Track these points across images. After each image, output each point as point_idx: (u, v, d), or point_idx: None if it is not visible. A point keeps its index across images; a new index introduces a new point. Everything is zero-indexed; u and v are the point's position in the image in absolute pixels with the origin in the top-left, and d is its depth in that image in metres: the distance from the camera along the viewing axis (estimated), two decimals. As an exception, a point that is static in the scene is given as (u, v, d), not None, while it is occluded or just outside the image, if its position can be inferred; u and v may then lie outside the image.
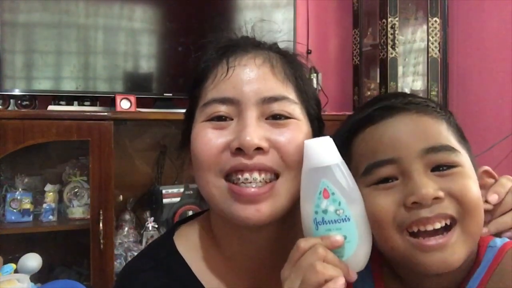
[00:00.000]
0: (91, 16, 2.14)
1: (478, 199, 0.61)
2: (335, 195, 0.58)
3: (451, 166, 0.61)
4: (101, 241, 1.86)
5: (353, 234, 0.58)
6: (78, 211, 2.03)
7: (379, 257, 0.68)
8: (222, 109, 0.67)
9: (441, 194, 0.59)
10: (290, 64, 0.72)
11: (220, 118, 0.68)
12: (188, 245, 0.76)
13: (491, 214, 0.66)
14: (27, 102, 2.11)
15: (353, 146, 0.65)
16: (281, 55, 0.73)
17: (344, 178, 0.59)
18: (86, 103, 2.18)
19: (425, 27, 2.53)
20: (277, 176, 0.66)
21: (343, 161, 0.60)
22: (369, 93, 2.62)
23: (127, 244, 2.09)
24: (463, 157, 0.63)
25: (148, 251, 0.79)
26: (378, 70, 2.54)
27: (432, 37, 2.50)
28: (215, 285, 0.73)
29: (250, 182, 0.65)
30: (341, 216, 0.58)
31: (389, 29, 2.40)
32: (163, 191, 2.11)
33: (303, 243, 0.59)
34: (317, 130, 0.73)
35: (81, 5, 2.12)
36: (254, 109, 0.66)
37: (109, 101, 2.14)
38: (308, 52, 2.71)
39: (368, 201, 0.61)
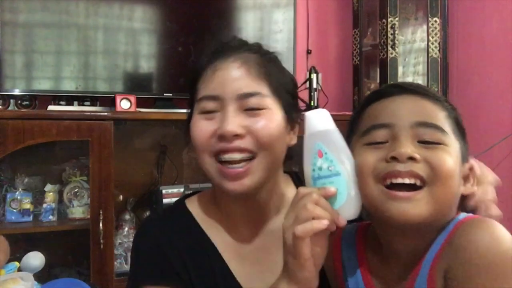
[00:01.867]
0: (91, 16, 2.14)
1: (451, 170, 0.69)
2: (328, 154, 0.70)
3: (436, 142, 0.70)
4: (101, 241, 1.86)
5: (343, 187, 0.70)
6: (78, 211, 2.03)
7: (364, 231, 0.81)
8: (210, 104, 0.86)
9: (416, 156, 0.68)
10: (265, 62, 0.88)
11: (209, 111, 0.86)
12: (197, 206, 0.96)
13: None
14: (27, 102, 2.11)
15: (365, 112, 0.76)
16: (259, 54, 0.89)
17: (335, 141, 0.71)
18: (86, 103, 2.18)
19: (425, 27, 2.53)
20: (253, 155, 0.84)
21: (336, 128, 0.72)
22: (369, 93, 2.62)
23: (127, 244, 2.09)
24: (451, 140, 0.71)
25: (163, 212, 1.01)
26: (378, 70, 2.54)
27: (432, 37, 2.50)
28: (219, 236, 0.92)
29: (233, 162, 0.83)
30: (333, 172, 0.70)
31: (389, 29, 2.41)
32: (163, 191, 2.11)
33: (302, 190, 0.72)
34: (291, 113, 0.89)
35: (81, 5, 2.12)
36: (233, 104, 0.84)
37: (109, 101, 2.14)
38: (308, 52, 2.71)
39: (358, 156, 0.72)
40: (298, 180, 0.96)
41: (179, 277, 0.88)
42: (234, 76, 0.85)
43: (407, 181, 0.68)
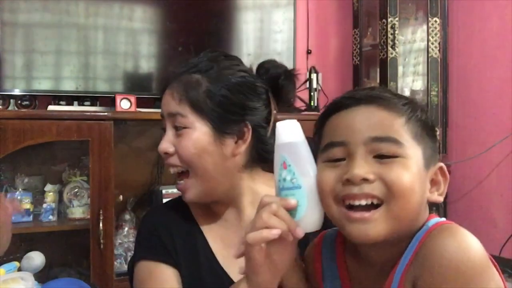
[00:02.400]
0: (91, 16, 2.14)
1: (407, 187, 0.68)
2: (291, 167, 0.71)
3: (392, 156, 0.69)
4: (101, 241, 1.86)
5: (304, 200, 0.71)
6: (78, 211, 2.02)
7: (343, 236, 0.80)
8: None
9: (370, 176, 0.68)
10: (187, 86, 0.94)
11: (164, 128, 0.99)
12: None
13: None
14: (27, 102, 2.11)
15: (325, 125, 0.76)
16: (183, 81, 0.96)
17: (300, 153, 0.72)
18: (86, 103, 2.18)
19: (425, 27, 2.53)
20: (187, 171, 0.93)
21: (304, 140, 0.73)
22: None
23: (127, 244, 2.09)
24: (410, 151, 0.70)
25: (166, 202, 1.08)
26: (378, 70, 2.54)
27: (432, 37, 2.50)
28: (208, 227, 0.99)
29: (178, 177, 0.96)
30: (295, 184, 0.71)
31: (389, 29, 2.41)
32: (163, 191, 2.11)
33: (265, 198, 0.73)
34: (223, 125, 0.94)
35: (81, 5, 2.12)
36: (167, 122, 0.97)
37: (109, 101, 2.14)
38: (308, 52, 2.71)
39: (319, 174, 0.73)
40: None
41: (170, 255, 0.95)
42: (165, 101, 0.97)
43: (363, 202, 0.68)
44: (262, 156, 0.96)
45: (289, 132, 0.73)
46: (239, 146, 0.94)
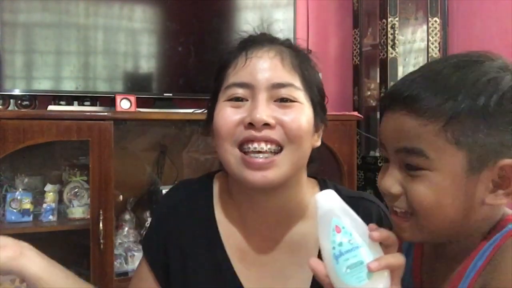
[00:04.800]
0: (91, 16, 2.14)
1: (430, 206, 0.65)
2: (345, 229, 0.66)
3: (418, 168, 0.66)
4: (101, 241, 1.86)
5: (370, 257, 0.65)
6: (78, 211, 2.02)
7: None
8: (240, 91, 0.83)
9: (395, 191, 0.68)
10: (298, 57, 0.87)
11: (238, 99, 0.83)
12: (218, 189, 0.95)
13: None
14: (27, 102, 2.11)
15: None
16: (291, 49, 0.88)
17: (350, 215, 0.68)
18: (86, 103, 2.18)
19: (425, 27, 2.53)
20: (281, 148, 0.81)
21: (347, 206, 0.69)
22: (369, 93, 2.62)
23: (127, 244, 2.09)
24: (442, 161, 0.64)
25: (193, 181, 0.98)
26: (378, 70, 2.53)
27: (432, 37, 2.50)
28: (229, 234, 0.91)
29: (259, 152, 0.80)
30: (354, 245, 0.65)
31: (389, 29, 2.40)
32: (163, 191, 2.11)
33: None
34: (319, 114, 0.88)
35: (81, 5, 2.12)
36: (264, 93, 0.82)
37: (109, 101, 2.14)
38: (308, 52, 2.70)
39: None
40: (326, 187, 0.92)
41: (162, 267, 0.92)
42: (268, 65, 0.83)
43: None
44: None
45: (332, 199, 0.69)
46: (318, 138, 0.90)
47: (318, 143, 0.89)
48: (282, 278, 0.87)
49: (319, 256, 0.68)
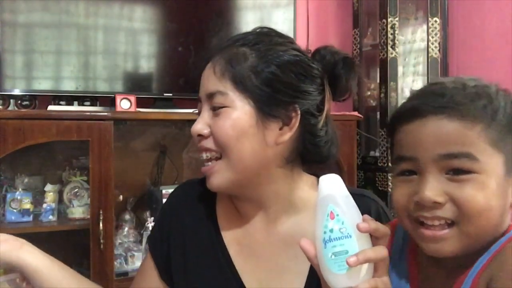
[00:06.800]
0: (91, 16, 2.14)
1: (481, 209, 0.64)
2: (339, 217, 0.67)
3: (466, 172, 0.65)
4: (101, 241, 1.86)
5: (355, 249, 0.66)
6: (78, 211, 2.02)
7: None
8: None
9: (441, 199, 0.65)
10: (231, 60, 0.84)
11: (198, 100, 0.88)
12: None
13: None
14: (27, 102, 2.11)
15: (395, 134, 0.73)
16: (228, 54, 0.85)
17: (347, 204, 0.69)
18: (86, 103, 2.18)
19: (425, 27, 2.53)
20: (219, 155, 0.83)
21: (348, 193, 0.70)
22: (369, 93, 2.62)
23: (127, 244, 2.09)
24: (488, 163, 0.65)
25: (197, 180, 0.98)
26: (378, 70, 2.53)
27: (432, 37, 2.50)
28: (228, 225, 0.92)
29: (205, 161, 0.86)
30: (344, 234, 0.67)
31: (389, 29, 2.40)
32: (163, 191, 2.11)
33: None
34: (272, 103, 0.83)
35: (81, 5, 2.12)
36: (204, 105, 0.86)
37: (109, 101, 2.14)
38: (308, 52, 2.70)
39: (393, 190, 0.73)
40: None
41: (166, 262, 0.94)
42: (204, 77, 0.87)
43: (436, 223, 0.67)
44: (308, 151, 0.87)
45: (334, 185, 0.70)
46: (284, 133, 0.83)
47: (284, 137, 0.84)
48: (279, 271, 0.88)
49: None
